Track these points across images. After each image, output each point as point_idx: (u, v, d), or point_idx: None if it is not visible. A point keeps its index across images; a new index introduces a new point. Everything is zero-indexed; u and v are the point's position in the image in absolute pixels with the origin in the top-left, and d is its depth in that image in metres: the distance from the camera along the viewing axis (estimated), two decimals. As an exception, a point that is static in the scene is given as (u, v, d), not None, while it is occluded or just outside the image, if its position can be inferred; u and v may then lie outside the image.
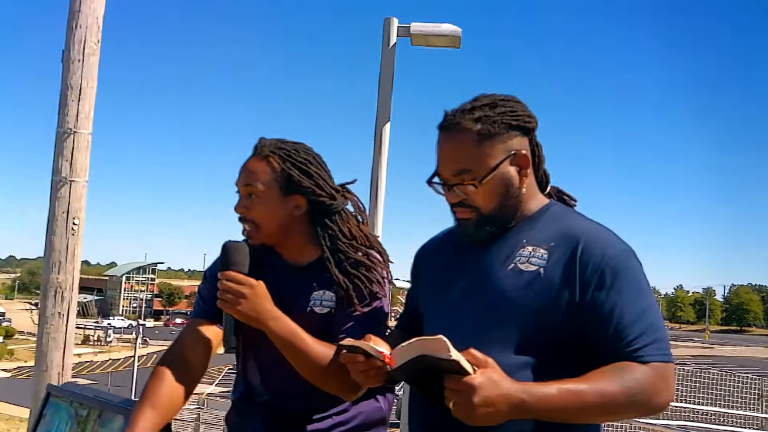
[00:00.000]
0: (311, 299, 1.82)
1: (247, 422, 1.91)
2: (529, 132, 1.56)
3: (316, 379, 1.74)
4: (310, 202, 1.83)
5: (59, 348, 3.23)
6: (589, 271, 1.43)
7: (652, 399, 1.38)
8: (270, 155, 1.82)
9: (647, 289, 1.46)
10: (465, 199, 1.52)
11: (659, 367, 1.39)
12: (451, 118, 1.52)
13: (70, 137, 3.26)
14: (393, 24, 5.78)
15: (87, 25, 3.32)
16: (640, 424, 9.69)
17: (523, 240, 1.52)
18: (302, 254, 1.86)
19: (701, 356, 67.08)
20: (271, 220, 1.81)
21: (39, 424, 1.84)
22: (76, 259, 3.29)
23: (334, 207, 1.84)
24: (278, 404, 1.87)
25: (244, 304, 1.68)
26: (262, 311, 1.70)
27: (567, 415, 1.35)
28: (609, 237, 1.49)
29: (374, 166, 5.72)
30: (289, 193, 1.81)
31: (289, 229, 1.83)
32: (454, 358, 1.28)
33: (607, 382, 1.35)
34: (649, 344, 1.39)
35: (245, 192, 1.82)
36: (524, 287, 1.46)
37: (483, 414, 1.29)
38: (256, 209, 1.80)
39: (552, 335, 1.44)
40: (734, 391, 12.00)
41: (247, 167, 1.83)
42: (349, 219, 1.88)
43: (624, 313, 1.41)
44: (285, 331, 1.71)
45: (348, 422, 1.86)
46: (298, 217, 1.84)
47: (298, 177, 1.81)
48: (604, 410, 1.37)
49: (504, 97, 1.54)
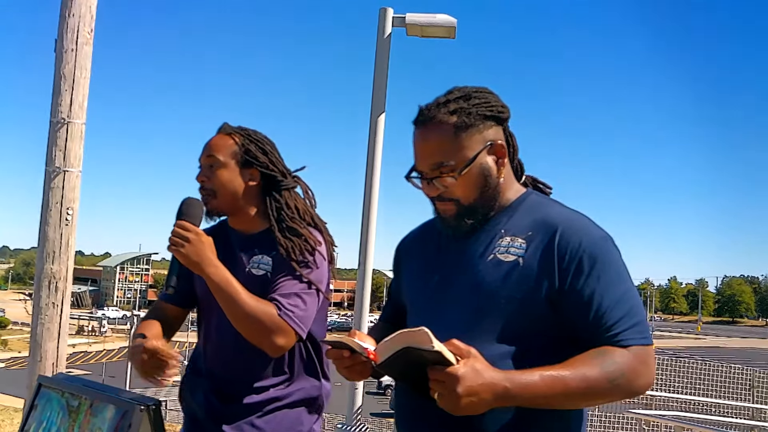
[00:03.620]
0: (251, 262, 2.01)
1: (191, 395, 2.06)
2: (503, 122, 1.57)
3: (244, 328, 1.90)
4: (263, 176, 2.05)
5: (53, 338, 3.23)
6: (567, 259, 1.44)
7: (633, 382, 1.39)
8: (233, 133, 2.06)
9: (625, 275, 1.47)
10: (444, 191, 1.52)
11: (639, 350, 1.40)
12: (426, 112, 1.53)
13: (63, 127, 3.25)
14: (388, 14, 5.76)
15: (80, 14, 3.29)
16: (633, 414, 9.76)
17: (501, 230, 1.53)
18: (252, 225, 2.06)
19: (694, 347, 67.56)
20: (227, 188, 2.01)
21: (30, 415, 1.84)
22: (70, 249, 3.29)
23: (284, 184, 2.06)
24: (219, 377, 2.01)
25: (188, 248, 1.86)
26: (203, 257, 1.87)
27: (550, 401, 1.37)
28: (586, 224, 1.50)
29: (369, 156, 5.71)
30: (246, 165, 2.03)
31: (243, 199, 2.04)
32: (437, 348, 1.29)
33: (588, 367, 1.37)
34: (628, 328, 1.40)
35: (207, 163, 2.03)
36: (504, 277, 1.47)
37: (467, 403, 1.30)
38: (216, 177, 2.01)
39: (534, 324, 1.45)
40: (726, 382, 12.07)
41: (210, 142, 2.05)
42: (297, 198, 2.09)
43: (603, 299, 1.42)
44: (220, 278, 1.88)
45: (285, 397, 1.98)
46: (252, 189, 2.04)
47: (255, 152, 2.03)
48: (587, 395, 1.38)
49: (477, 89, 1.56)
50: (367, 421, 21.52)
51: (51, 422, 1.77)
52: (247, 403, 1.96)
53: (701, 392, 11.79)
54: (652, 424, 9.91)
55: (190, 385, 2.09)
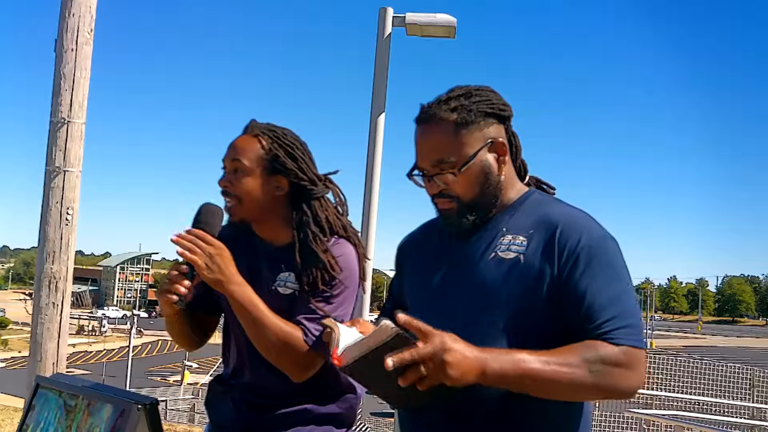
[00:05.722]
0: (277, 279, 1.88)
1: (219, 402, 1.97)
2: (505, 120, 1.57)
3: (267, 352, 1.79)
4: (291, 184, 1.88)
5: (53, 338, 3.23)
6: (566, 255, 1.44)
7: (618, 380, 1.36)
8: (260, 135, 1.88)
9: (623, 275, 1.46)
10: (445, 189, 1.52)
11: (628, 350, 1.37)
12: (427, 109, 1.53)
13: (63, 127, 3.25)
14: (388, 14, 5.75)
15: (80, 14, 3.29)
16: (633, 414, 9.76)
17: (503, 228, 1.53)
18: (278, 236, 1.91)
19: (694, 346, 67.51)
20: (252, 197, 1.85)
21: (28, 415, 1.84)
22: (70, 249, 3.28)
23: (314, 192, 1.90)
24: (249, 386, 1.91)
25: (209, 262, 1.71)
26: (226, 273, 1.73)
27: (526, 379, 1.34)
28: (586, 222, 1.49)
29: (369, 156, 5.71)
30: (273, 173, 1.87)
31: (269, 208, 1.88)
32: (399, 331, 1.27)
33: (570, 354, 1.35)
34: (619, 328, 1.38)
35: (231, 167, 1.87)
36: (505, 275, 1.47)
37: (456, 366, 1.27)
38: (240, 184, 1.85)
39: (536, 322, 1.45)
40: (726, 381, 12.08)
41: (236, 144, 1.89)
42: (327, 207, 1.92)
43: (596, 297, 1.40)
44: (244, 297, 1.75)
45: (316, 411, 1.89)
46: (279, 198, 1.89)
47: (284, 158, 1.86)
48: (565, 381, 1.34)
49: (478, 87, 1.56)
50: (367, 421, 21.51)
51: (49, 422, 1.77)
52: (277, 414, 1.87)
53: (701, 392, 11.80)
54: (653, 423, 9.91)
55: (219, 391, 2.00)
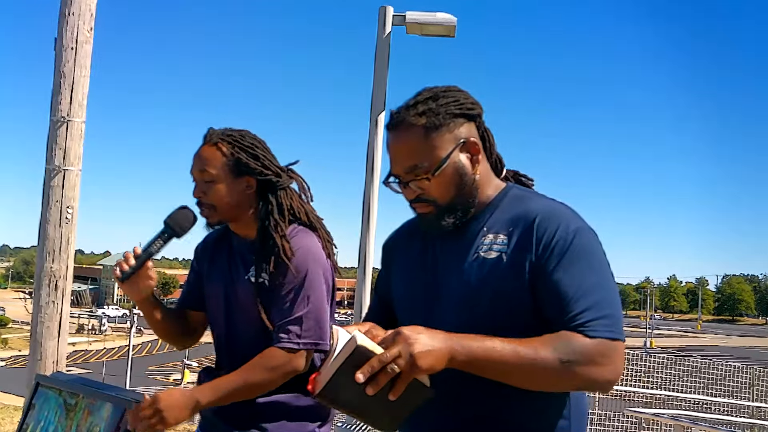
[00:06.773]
0: (250, 270, 1.98)
1: None
2: (475, 118, 1.56)
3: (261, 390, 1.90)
4: (258, 181, 2.00)
5: (53, 337, 3.23)
6: (542, 248, 1.44)
7: (591, 371, 1.34)
8: (219, 142, 1.98)
9: (600, 267, 1.45)
10: (421, 193, 1.52)
11: (602, 342, 1.35)
12: (396, 115, 1.53)
13: (63, 125, 3.24)
14: (388, 13, 5.75)
15: (80, 12, 3.29)
16: (633, 413, 9.77)
17: (483, 228, 1.53)
18: (251, 229, 2.02)
19: (694, 345, 67.57)
20: (225, 201, 1.97)
21: (28, 414, 1.84)
22: (70, 248, 3.28)
23: (279, 184, 2.02)
24: None
25: (167, 417, 1.76)
26: (183, 412, 1.79)
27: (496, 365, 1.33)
28: (564, 214, 1.48)
29: (369, 156, 5.71)
30: (240, 175, 1.98)
31: (242, 208, 2.00)
32: (360, 342, 1.25)
33: (542, 345, 1.34)
34: (594, 320, 1.36)
35: (200, 177, 1.98)
36: (489, 275, 1.47)
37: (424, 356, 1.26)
38: (212, 193, 1.96)
39: (524, 319, 1.44)
40: (726, 380, 12.07)
41: (199, 155, 1.99)
42: (292, 196, 2.05)
43: (570, 287, 1.39)
44: (211, 402, 1.86)
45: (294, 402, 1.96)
46: (250, 195, 2.00)
47: (246, 159, 1.97)
48: (537, 370, 1.33)
49: (446, 88, 1.55)
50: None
51: (49, 421, 1.77)
52: (254, 407, 1.94)
53: (701, 391, 11.80)
54: (652, 422, 9.92)
55: (201, 382, 2.07)
